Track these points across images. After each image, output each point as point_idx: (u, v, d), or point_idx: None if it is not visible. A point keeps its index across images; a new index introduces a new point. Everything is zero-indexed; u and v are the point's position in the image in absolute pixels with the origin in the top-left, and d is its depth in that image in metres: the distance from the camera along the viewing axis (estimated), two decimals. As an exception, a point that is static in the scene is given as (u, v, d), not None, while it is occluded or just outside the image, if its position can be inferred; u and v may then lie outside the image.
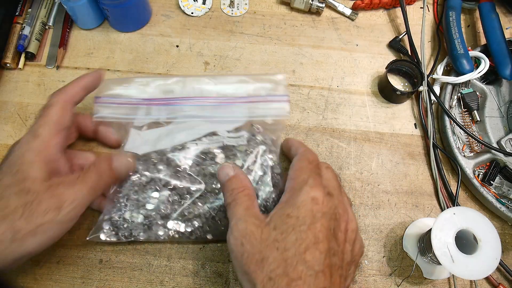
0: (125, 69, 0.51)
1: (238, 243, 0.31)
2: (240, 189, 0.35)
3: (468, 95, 0.50)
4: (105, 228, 0.39)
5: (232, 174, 0.36)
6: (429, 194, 0.47)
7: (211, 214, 0.40)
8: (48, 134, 0.35)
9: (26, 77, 0.50)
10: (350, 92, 0.51)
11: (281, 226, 0.31)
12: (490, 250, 0.36)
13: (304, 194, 0.33)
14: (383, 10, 0.57)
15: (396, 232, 0.45)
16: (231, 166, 0.37)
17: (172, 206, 0.40)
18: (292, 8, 0.55)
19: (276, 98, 0.43)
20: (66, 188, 0.34)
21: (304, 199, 0.33)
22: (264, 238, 0.31)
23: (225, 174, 0.36)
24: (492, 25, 0.51)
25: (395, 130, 0.50)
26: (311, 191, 0.33)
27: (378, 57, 0.54)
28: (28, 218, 0.31)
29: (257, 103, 0.43)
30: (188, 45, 0.53)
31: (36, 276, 0.40)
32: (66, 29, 0.52)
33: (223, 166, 0.37)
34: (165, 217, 0.40)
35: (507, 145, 0.47)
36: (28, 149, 0.34)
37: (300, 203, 0.32)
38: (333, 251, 0.32)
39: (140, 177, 0.41)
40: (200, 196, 0.41)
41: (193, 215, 0.40)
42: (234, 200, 0.34)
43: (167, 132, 0.43)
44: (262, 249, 0.31)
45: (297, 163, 0.37)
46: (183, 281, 0.41)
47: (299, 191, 0.33)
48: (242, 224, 0.32)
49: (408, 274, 0.43)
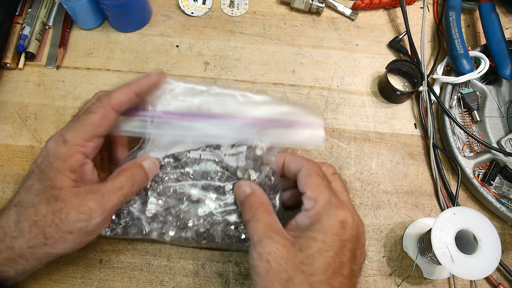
0: (125, 69, 0.51)
1: (263, 259, 0.31)
2: (259, 205, 0.35)
3: (468, 95, 0.50)
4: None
5: (249, 191, 0.36)
6: (429, 194, 0.47)
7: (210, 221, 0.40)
8: (79, 141, 0.34)
9: (26, 77, 0.50)
10: (350, 92, 0.51)
11: (307, 250, 0.31)
12: (490, 250, 0.36)
13: (332, 218, 0.32)
14: (383, 10, 0.57)
15: (396, 232, 0.45)
16: (248, 184, 0.37)
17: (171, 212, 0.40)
18: (292, 8, 0.55)
19: (310, 122, 0.41)
20: (95, 197, 0.33)
21: (332, 223, 0.32)
22: (290, 258, 0.31)
23: (243, 191, 0.37)
24: (492, 25, 0.51)
25: (395, 130, 0.50)
26: (338, 214, 0.33)
27: (378, 57, 0.54)
28: (58, 227, 0.32)
29: (288, 128, 0.41)
30: (188, 45, 0.53)
31: (36, 276, 0.40)
32: (66, 29, 0.52)
33: (240, 185, 0.37)
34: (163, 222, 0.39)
35: (507, 145, 0.47)
36: (56, 157, 0.33)
37: (328, 229, 0.32)
38: (353, 272, 0.32)
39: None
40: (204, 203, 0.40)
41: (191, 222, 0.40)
42: (254, 217, 0.34)
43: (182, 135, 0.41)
44: (288, 269, 0.30)
45: (309, 180, 0.35)
46: (183, 281, 0.41)
47: (326, 215, 0.33)
48: (267, 241, 0.32)
49: (408, 274, 0.43)
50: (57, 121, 0.48)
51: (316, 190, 0.34)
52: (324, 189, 0.34)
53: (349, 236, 0.32)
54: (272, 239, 0.32)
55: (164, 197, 0.39)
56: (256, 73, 0.52)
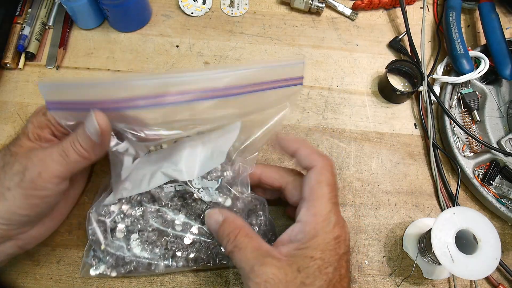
0: (125, 69, 0.51)
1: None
2: (236, 231, 0.33)
3: (468, 95, 0.50)
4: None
5: (221, 219, 0.34)
6: (429, 194, 0.47)
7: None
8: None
9: (26, 77, 0.50)
10: (350, 92, 0.51)
11: (307, 269, 0.30)
12: (490, 250, 0.36)
13: (329, 235, 0.32)
14: (383, 10, 0.57)
15: (396, 232, 0.45)
16: (217, 211, 0.35)
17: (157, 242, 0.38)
18: (292, 8, 0.55)
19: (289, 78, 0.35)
20: (39, 151, 0.31)
21: (329, 241, 0.32)
22: (289, 280, 0.30)
23: (214, 221, 0.34)
24: (492, 25, 0.51)
25: (395, 130, 0.50)
26: (334, 232, 0.32)
27: (378, 57, 0.54)
28: (0, 181, 0.30)
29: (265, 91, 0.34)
30: (188, 45, 0.53)
31: (36, 276, 0.40)
32: (66, 29, 0.52)
33: (210, 214, 0.35)
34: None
35: (507, 145, 0.47)
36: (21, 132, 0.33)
37: (325, 246, 0.31)
38: (349, 280, 0.32)
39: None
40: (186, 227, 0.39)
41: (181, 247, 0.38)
42: (237, 246, 0.32)
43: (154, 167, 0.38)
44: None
45: (317, 188, 0.33)
46: (183, 281, 0.41)
47: (323, 232, 0.32)
48: (260, 268, 0.30)
49: (408, 274, 0.43)
50: (57, 121, 0.48)
51: (318, 203, 0.33)
52: (327, 203, 0.33)
53: (345, 248, 0.32)
54: (265, 264, 0.30)
55: (146, 232, 0.38)
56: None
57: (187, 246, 0.38)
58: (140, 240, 0.38)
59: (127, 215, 0.38)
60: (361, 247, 0.44)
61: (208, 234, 0.38)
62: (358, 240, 0.44)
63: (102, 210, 0.38)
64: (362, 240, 0.44)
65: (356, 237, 0.44)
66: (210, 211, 0.35)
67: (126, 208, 0.39)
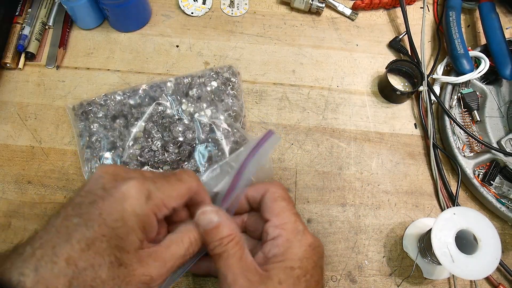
0: (125, 69, 0.51)
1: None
2: (230, 238, 0.32)
3: (468, 95, 0.50)
4: None
5: (216, 220, 0.32)
6: (429, 194, 0.47)
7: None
8: (160, 202, 0.31)
9: (26, 77, 0.50)
10: (350, 92, 0.51)
11: (288, 280, 0.31)
12: (490, 250, 0.36)
13: (303, 243, 0.33)
14: (383, 10, 0.57)
15: (396, 232, 0.45)
16: (215, 211, 0.33)
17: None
18: (292, 8, 0.55)
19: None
20: (158, 265, 0.30)
21: (305, 249, 0.32)
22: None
23: (208, 220, 0.32)
24: (492, 25, 0.51)
25: (395, 130, 0.50)
26: (307, 239, 0.33)
27: (378, 57, 0.54)
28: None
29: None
30: (188, 45, 0.53)
31: (36, 276, 0.40)
32: (66, 29, 0.52)
33: (204, 211, 0.33)
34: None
35: (507, 145, 0.47)
36: (135, 213, 0.29)
37: (302, 254, 0.32)
38: (324, 284, 0.34)
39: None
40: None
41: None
42: (226, 252, 0.31)
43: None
44: None
45: (274, 205, 0.34)
46: (183, 281, 0.41)
47: (296, 241, 0.33)
48: (241, 281, 0.30)
49: (408, 274, 0.43)
50: (57, 121, 0.48)
51: (282, 217, 0.34)
52: (290, 214, 0.34)
53: (318, 255, 0.33)
54: (248, 278, 0.30)
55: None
56: (256, 73, 0.52)
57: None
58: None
59: None
60: (361, 247, 0.44)
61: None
62: (358, 240, 0.44)
63: None
64: (362, 240, 0.44)
65: (356, 237, 0.44)
66: (207, 208, 0.33)
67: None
